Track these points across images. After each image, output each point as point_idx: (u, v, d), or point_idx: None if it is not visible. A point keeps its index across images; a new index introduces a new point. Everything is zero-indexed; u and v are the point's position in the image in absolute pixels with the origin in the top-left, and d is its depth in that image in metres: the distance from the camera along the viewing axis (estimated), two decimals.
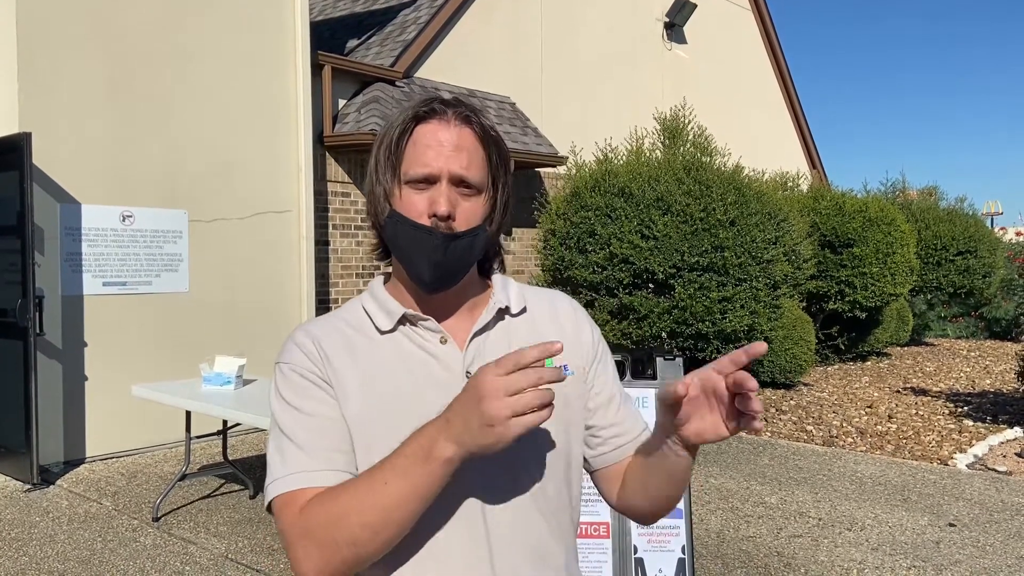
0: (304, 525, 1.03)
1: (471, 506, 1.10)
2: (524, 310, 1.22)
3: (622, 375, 3.17)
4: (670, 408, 1.01)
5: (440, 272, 1.11)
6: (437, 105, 1.13)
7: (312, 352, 1.14)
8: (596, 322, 1.38)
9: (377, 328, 1.17)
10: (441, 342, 1.15)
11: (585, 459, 1.25)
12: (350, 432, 1.10)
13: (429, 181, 1.10)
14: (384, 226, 1.15)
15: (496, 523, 1.10)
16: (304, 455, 1.08)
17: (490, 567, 1.10)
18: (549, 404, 0.93)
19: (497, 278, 1.25)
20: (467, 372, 1.13)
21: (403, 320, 1.17)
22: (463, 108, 1.14)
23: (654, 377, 3.20)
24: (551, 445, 1.15)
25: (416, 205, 1.10)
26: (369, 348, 1.16)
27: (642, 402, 3.11)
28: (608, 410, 1.24)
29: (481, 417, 0.93)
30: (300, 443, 1.08)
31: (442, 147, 1.10)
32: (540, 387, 0.93)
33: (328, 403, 1.11)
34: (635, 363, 3.27)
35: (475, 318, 1.19)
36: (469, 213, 1.12)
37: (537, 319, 1.22)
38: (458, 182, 1.11)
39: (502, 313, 1.20)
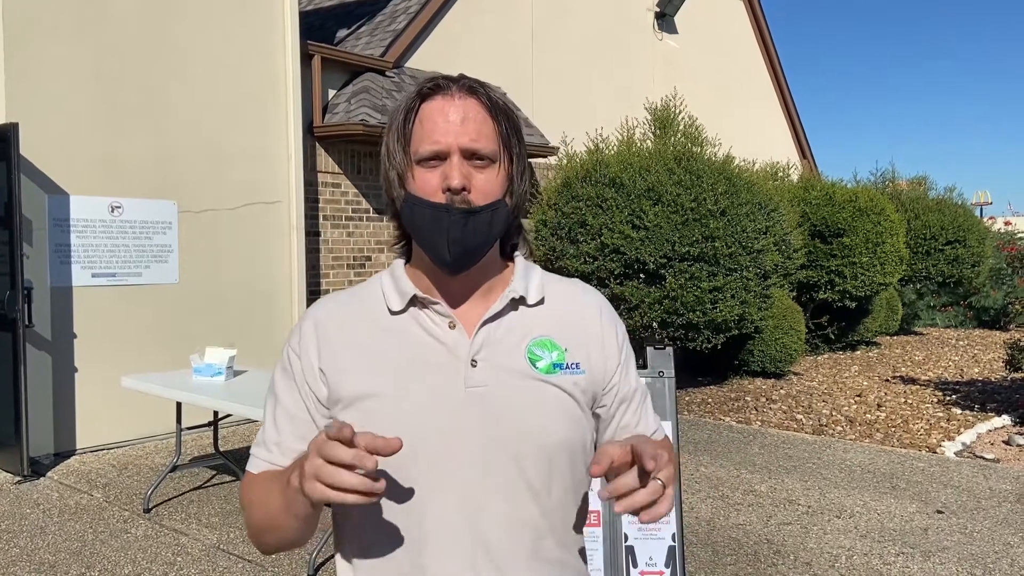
0: (240, 499, 1.17)
1: (467, 498, 1.08)
2: (542, 301, 1.17)
3: None
4: None
5: (460, 249, 1.08)
6: (441, 81, 1.11)
7: (308, 339, 1.16)
8: None
9: (388, 308, 1.15)
10: (450, 327, 1.12)
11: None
12: (341, 419, 1.10)
13: (440, 157, 1.08)
14: (401, 210, 1.13)
15: (492, 516, 1.08)
16: (264, 439, 1.17)
17: (475, 558, 1.07)
18: (367, 494, 0.90)
19: (520, 264, 1.20)
20: (472, 361, 1.10)
21: (414, 302, 1.15)
22: (467, 80, 1.12)
23: (644, 366, 3.21)
24: (558, 444, 1.12)
25: (429, 183, 1.08)
26: (374, 329, 1.15)
27: None
28: (623, 412, 1.22)
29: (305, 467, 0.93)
30: (267, 427, 1.17)
31: (449, 122, 1.07)
32: (358, 472, 0.90)
33: (300, 397, 1.15)
34: None
35: (489, 304, 1.15)
36: (485, 185, 1.09)
37: (561, 312, 1.18)
38: (470, 155, 1.08)
39: (516, 303, 1.16)
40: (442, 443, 1.08)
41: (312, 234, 7.69)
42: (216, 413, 5.02)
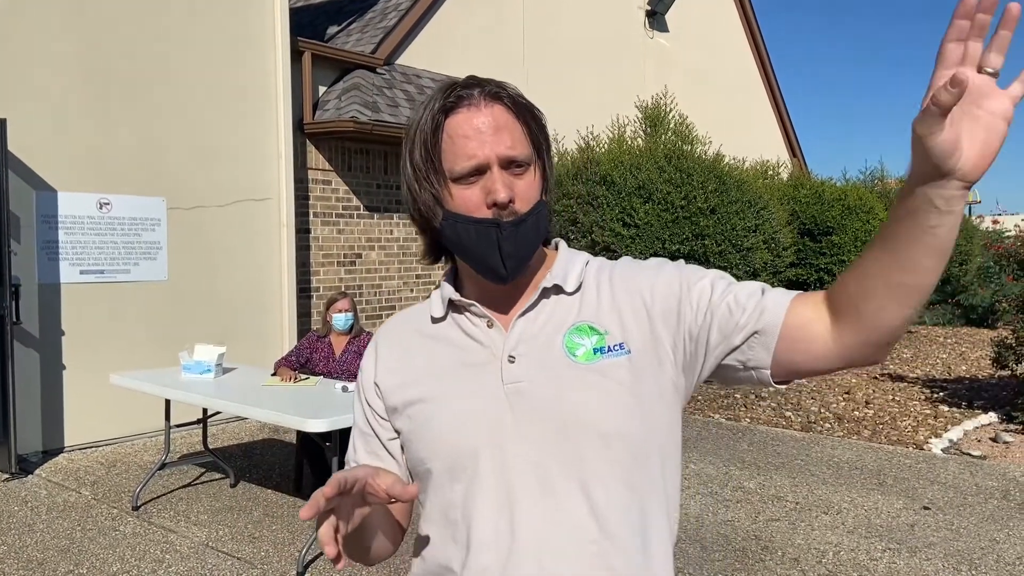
0: None
1: (508, 497, 1.04)
2: (581, 287, 1.13)
3: None
4: (933, 140, 0.80)
5: (515, 262, 1.06)
6: (462, 91, 1.07)
7: (369, 357, 1.22)
8: None
9: (431, 316, 1.16)
10: (488, 326, 1.11)
11: (753, 371, 1.05)
12: (395, 426, 1.16)
13: (479, 172, 1.04)
14: (441, 229, 1.09)
15: (534, 514, 1.03)
16: (347, 458, 1.22)
17: (516, 558, 1.03)
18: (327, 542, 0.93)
19: (565, 252, 1.17)
20: (510, 357, 1.08)
21: (452, 306, 1.15)
22: (488, 86, 1.08)
23: None
24: (607, 435, 1.04)
25: (471, 199, 1.05)
26: (420, 337, 1.17)
27: None
28: (720, 315, 1.05)
29: None
30: (350, 445, 1.23)
31: (482, 134, 1.04)
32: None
33: (364, 413, 1.20)
34: None
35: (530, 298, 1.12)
36: (527, 191, 1.07)
37: (599, 294, 1.12)
38: (507, 164, 1.05)
39: (549, 292, 1.12)
40: (483, 442, 1.06)
41: (302, 231, 7.67)
42: (205, 410, 5.00)
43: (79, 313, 6.02)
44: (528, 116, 1.09)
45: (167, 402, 4.84)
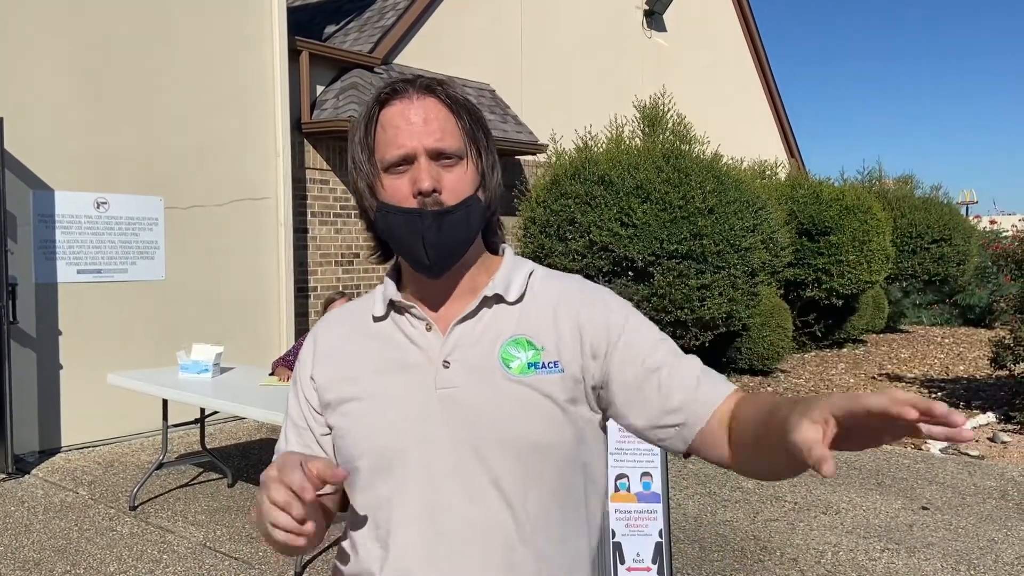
0: None
1: (431, 500, 1.06)
2: (522, 298, 1.13)
3: None
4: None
5: (439, 252, 1.07)
6: (398, 85, 1.10)
7: (307, 350, 1.21)
8: None
9: (372, 315, 1.17)
10: (427, 329, 1.12)
11: (667, 441, 1.10)
12: (327, 421, 1.16)
13: (407, 162, 1.06)
14: (375, 220, 1.11)
15: (456, 519, 1.05)
16: (277, 448, 1.21)
17: (436, 559, 1.05)
18: (299, 534, 0.92)
19: (508, 260, 1.17)
20: (444, 362, 1.08)
21: (394, 307, 1.15)
22: (424, 80, 1.10)
23: None
24: (531, 447, 1.06)
25: (400, 189, 1.06)
26: (360, 336, 1.17)
27: None
28: (649, 382, 1.08)
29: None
30: (281, 437, 1.21)
31: (411, 124, 1.06)
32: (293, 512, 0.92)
33: (299, 406, 1.19)
34: None
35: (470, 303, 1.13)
36: (456, 184, 1.07)
37: (541, 309, 1.12)
38: (436, 155, 1.06)
39: (490, 300, 1.12)
40: (412, 444, 1.07)
41: (300, 231, 7.66)
42: (203, 410, 4.99)
43: (76, 313, 6.00)
44: (464, 112, 1.10)
45: (164, 402, 4.83)
